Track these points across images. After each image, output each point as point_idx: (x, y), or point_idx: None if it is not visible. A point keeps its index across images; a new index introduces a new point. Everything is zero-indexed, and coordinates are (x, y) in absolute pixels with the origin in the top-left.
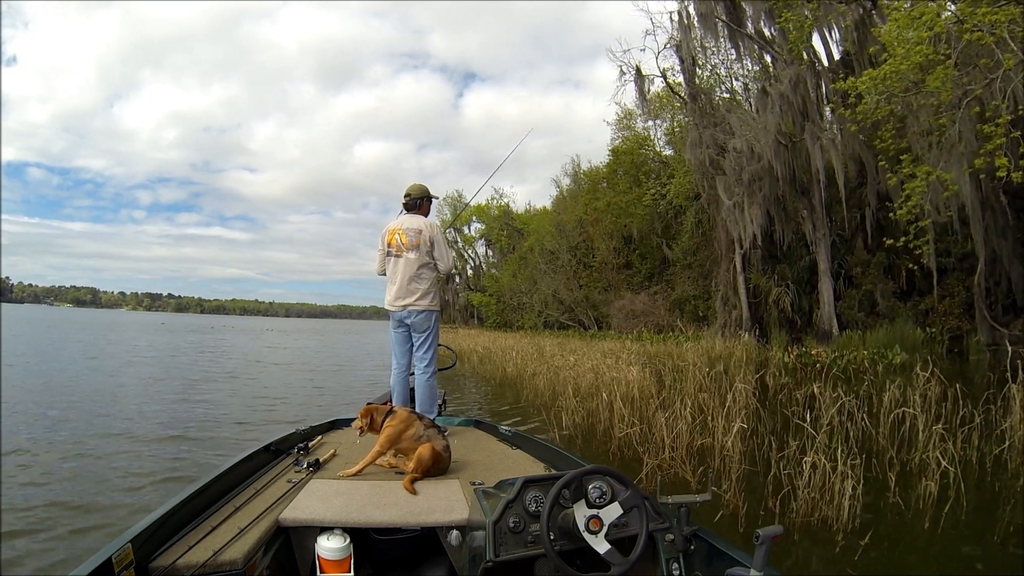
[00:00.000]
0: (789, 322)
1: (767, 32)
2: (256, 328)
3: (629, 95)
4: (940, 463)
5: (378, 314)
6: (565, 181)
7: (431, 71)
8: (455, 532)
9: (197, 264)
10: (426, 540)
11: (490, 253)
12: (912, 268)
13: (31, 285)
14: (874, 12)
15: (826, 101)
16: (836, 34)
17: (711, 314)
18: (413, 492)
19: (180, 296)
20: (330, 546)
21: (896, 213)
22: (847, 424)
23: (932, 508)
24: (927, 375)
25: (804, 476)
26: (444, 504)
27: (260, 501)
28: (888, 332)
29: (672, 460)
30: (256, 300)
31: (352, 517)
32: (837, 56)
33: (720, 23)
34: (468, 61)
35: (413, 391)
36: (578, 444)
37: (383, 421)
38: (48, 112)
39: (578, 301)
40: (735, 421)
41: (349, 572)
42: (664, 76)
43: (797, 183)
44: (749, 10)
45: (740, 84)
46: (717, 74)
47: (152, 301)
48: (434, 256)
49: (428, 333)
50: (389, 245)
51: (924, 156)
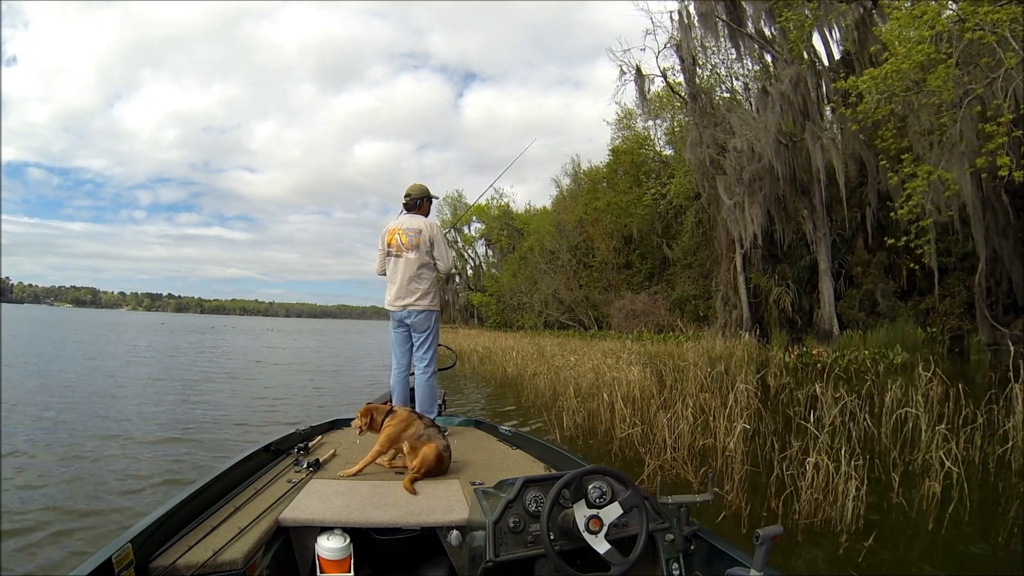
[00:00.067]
0: (790, 322)
1: (767, 31)
2: (256, 328)
3: (629, 95)
4: (944, 463)
5: (378, 314)
6: (565, 181)
7: (431, 71)
8: (455, 532)
9: (197, 264)
10: (426, 540)
11: (490, 253)
12: (913, 268)
13: (31, 285)
14: (874, 11)
15: (827, 100)
16: (836, 33)
17: (711, 314)
18: (413, 492)
19: (180, 296)
20: (330, 546)
21: (897, 213)
22: (849, 424)
23: (936, 509)
24: (929, 375)
25: (807, 477)
26: (444, 504)
27: (260, 501)
28: (889, 332)
29: (674, 461)
30: (256, 300)
31: (352, 517)
32: (837, 56)
33: (720, 22)
34: (468, 61)
35: (413, 391)
36: (579, 445)
37: (383, 421)
38: (48, 112)
39: (578, 301)
40: (737, 422)
41: (349, 572)
42: (664, 76)
43: (797, 183)
44: (749, 9)
45: (740, 84)
46: (717, 74)
47: (152, 301)
48: (434, 256)
49: (428, 333)
50: (389, 245)
51: (925, 155)
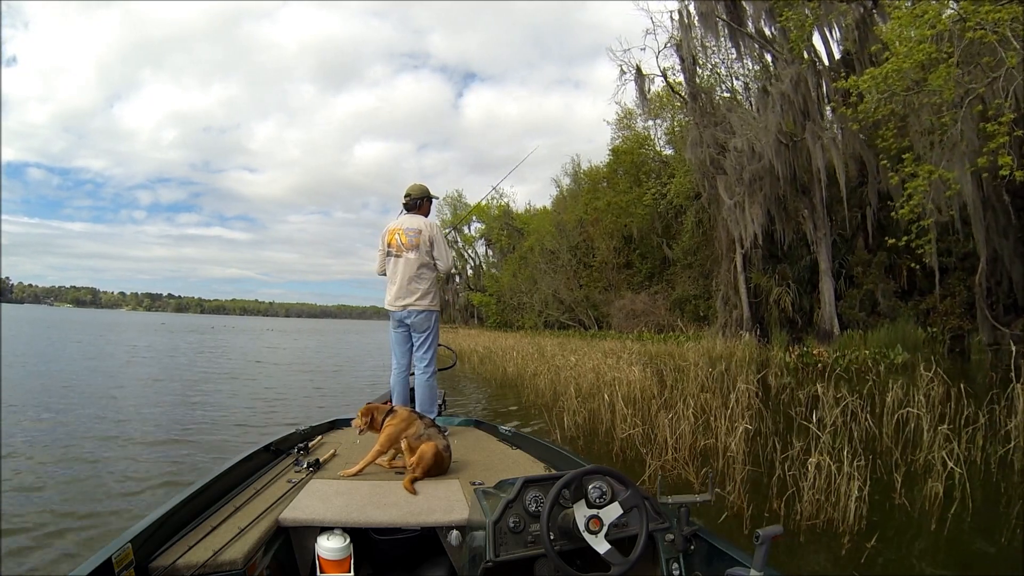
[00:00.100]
0: (790, 322)
1: (768, 31)
2: (256, 328)
3: (629, 95)
4: (946, 464)
5: (378, 314)
6: (565, 181)
7: (431, 71)
8: (455, 532)
9: (197, 264)
10: (426, 540)
11: (490, 253)
12: (913, 267)
13: (31, 285)
14: (875, 11)
15: (827, 100)
16: (837, 33)
17: (712, 314)
18: (413, 492)
19: (180, 296)
20: (330, 546)
21: (898, 212)
22: (851, 424)
23: (939, 509)
24: (930, 375)
25: (809, 477)
26: (444, 504)
27: (260, 501)
28: (889, 332)
29: (675, 461)
30: (256, 300)
31: (352, 517)
32: (838, 55)
33: (721, 22)
34: (468, 61)
35: (413, 391)
36: (580, 445)
37: (383, 420)
38: (48, 112)
39: (578, 301)
40: (739, 422)
41: (349, 572)
42: (664, 75)
43: (798, 182)
44: (750, 9)
45: (740, 83)
46: (717, 73)
47: (152, 301)
48: (434, 256)
49: (428, 333)
50: (389, 245)
51: (926, 155)
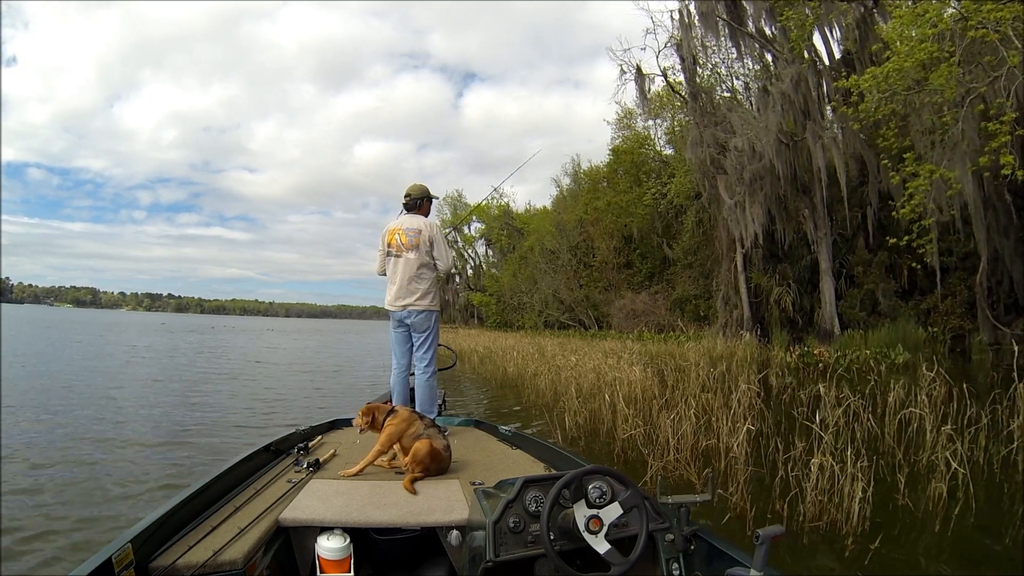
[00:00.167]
0: (790, 322)
1: (768, 31)
2: (256, 328)
3: (629, 94)
4: (950, 464)
5: (378, 314)
6: (565, 181)
7: (431, 71)
8: (455, 532)
9: (197, 264)
10: (426, 540)
11: (490, 253)
12: (914, 267)
13: (31, 285)
14: (875, 11)
15: (827, 100)
16: (837, 32)
17: (712, 314)
18: (413, 492)
19: (180, 296)
20: (330, 546)
21: (899, 212)
22: (853, 425)
23: (943, 510)
24: (932, 375)
25: (812, 478)
26: (444, 504)
27: (260, 501)
28: (890, 331)
29: (677, 462)
30: (256, 300)
31: (352, 517)
32: (838, 55)
33: (721, 22)
34: (468, 61)
35: (413, 391)
36: (581, 446)
37: (384, 420)
38: (48, 112)
39: (578, 301)
40: (741, 423)
41: (349, 572)
42: (664, 75)
43: (798, 182)
44: (750, 9)
45: (741, 83)
46: (718, 73)
47: (152, 301)
48: (434, 256)
49: (428, 333)
50: (389, 245)
51: (927, 155)
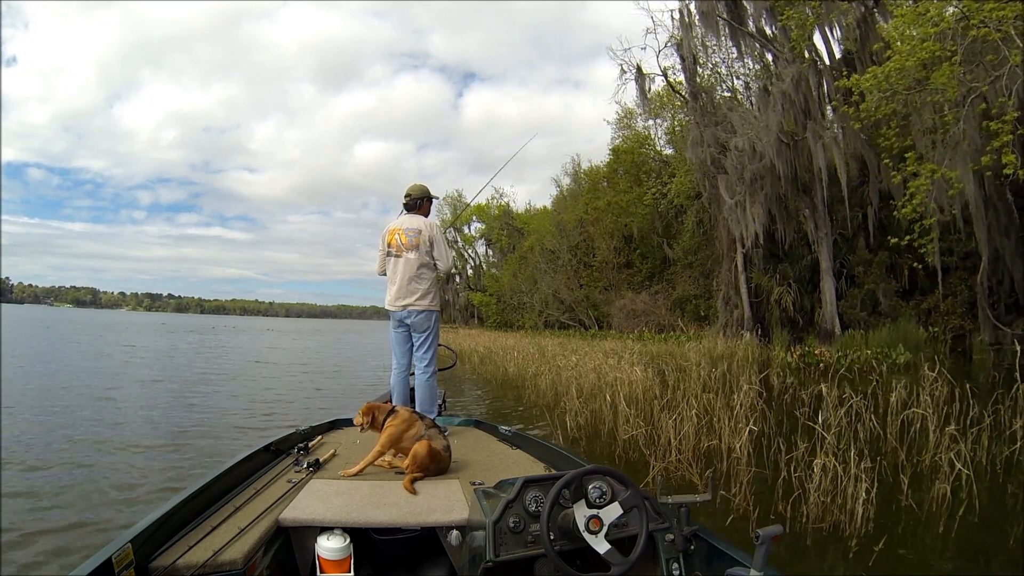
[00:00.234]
0: (791, 322)
1: (768, 30)
2: (256, 328)
3: (630, 94)
4: (954, 465)
5: (378, 314)
6: (565, 180)
7: (431, 71)
8: (455, 532)
9: (197, 264)
10: (426, 540)
11: (490, 253)
12: (915, 267)
13: (31, 286)
14: (875, 10)
15: (828, 99)
16: (838, 32)
17: (712, 314)
18: (413, 492)
19: (180, 296)
20: (330, 546)
21: (900, 211)
22: (856, 425)
23: (946, 511)
24: (934, 375)
25: (814, 479)
26: (444, 504)
27: (260, 501)
28: (891, 331)
29: (679, 463)
30: (256, 300)
31: (352, 517)
32: (838, 54)
33: (721, 21)
34: (468, 61)
35: (413, 391)
36: (583, 446)
37: (384, 420)
38: (48, 112)
39: (578, 301)
40: (743, 423)
41: (349, 572)
42: (665, 75)
43: (799, 182)
44: (750, 8)
45: (741, 83)
46: (718, 73)
47: (152, 301)
48: (434, 256)
49: (428, 333)
50: (389, 245)
51: (928, 154)
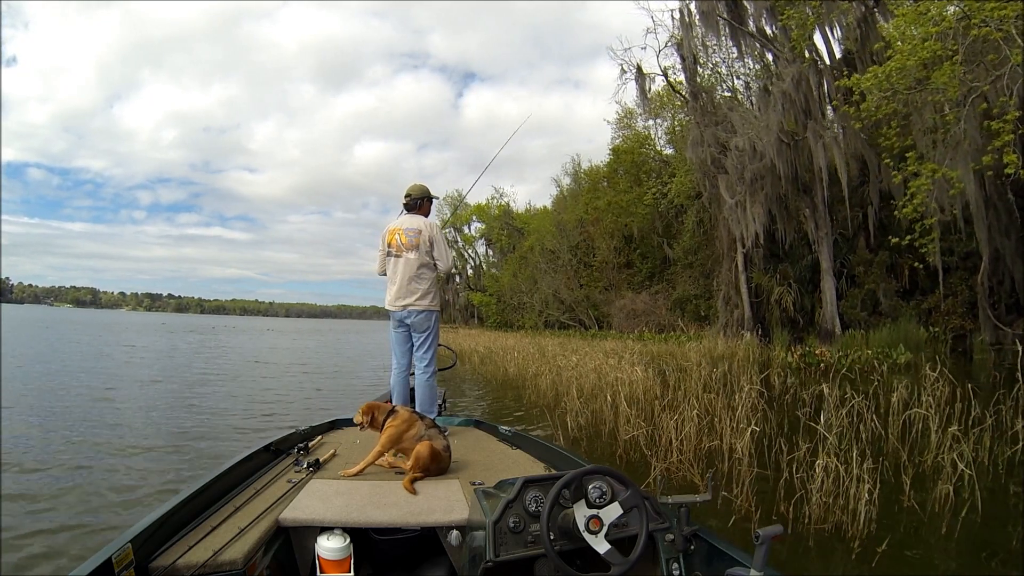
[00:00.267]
0: (791, 321)
1: (769, 30)
2: (256, 328)
3: (630, 94)
4: (956, 466)
5: (378, 314)
6: (565, 180)
7: (431, 71)
8: (455, 532)
9: (197, 264)
10: (426, 540)
11: (490, 253)
12: (916, 267)
13: (31, 285)
14: (876, 10)
15: (828, 99)
16: (838, 32)
17: (712, 314)
18: (413, 492)
19: (180, 296)
20: (330, 546)
21: (901, 211)
22: (858, 426)
23: (949, 513)
24: (935, 375)
25: (816, 480)
26: (444, 504)
27: (260, 501)
28: (891, 331)
29: (680, 463)
30: (256, 300)
31: (352, 517)
32: (839, 54)
33: (722, 21)
34: (468, 61)
35: (413, 391)
36: (583, 447)
37: (384, 420)
38: (48, 112)
39: (579, 301)
40: (744, 424)
41: (349, 572)
42: (665, 74)
43: (799, 182)
44: (751, 8)
45: (741, 83)
46: (718, 72)
47: (152, 301)
48: (434, 256)
49: (428, 333)
50: (389, 245)
51: (928, 154)
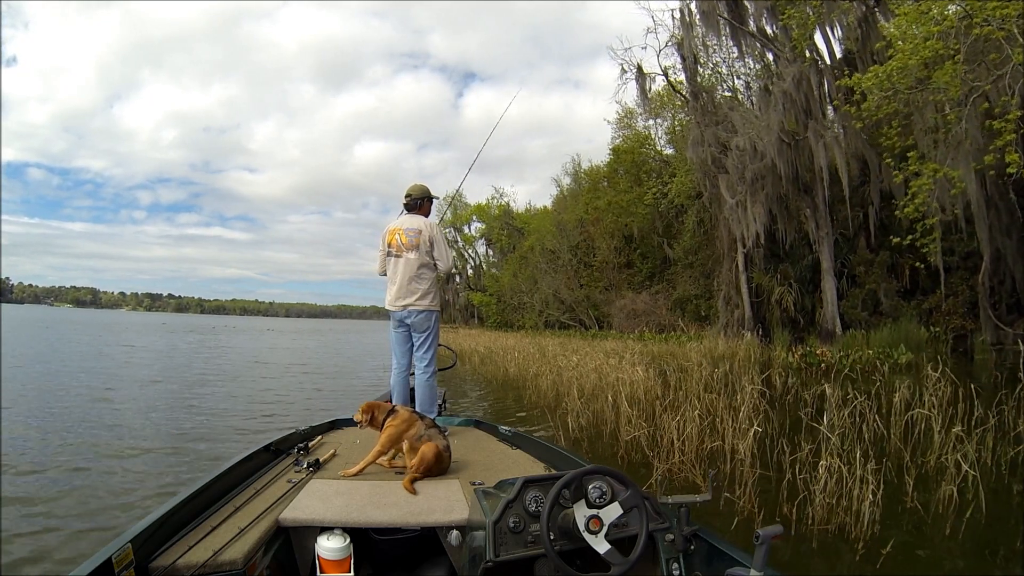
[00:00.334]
0: (792, 321)
1: (769, 30)
2: (256, 328)
3: (630, 94)
4: (960, 466)
5: (378, 314)
6: (566, 180)
7: (431, 71)
8: (455, 532)
9: (197, 264)
10: (426, 540)
11: (490, 253)
12: (917, 267)
13: (31, 285)
14: (876, 9)
15: (829, 99)
16: (839, 31)
17: (713, 314)
18: (413, 492)
19: (180, 296)
20: (330, 546)
21: (903, 211)
22: (860, 426)
23: (953, 514)
24: (937, 375)
25: (820, 481)
26: (444, 504)
27: (260, 501)
28: (892, 331)
29: (682, 464)
30: (256, 300)
31: (352, 517)
32: (839, 54)
33: (722, 20)
34: (468, 61)
35: (413, 391)
36: (584, 447)
37: (384, 420)
38: (48, 112)
39: (579, 301)
40: (746, 424)
41: (349, 572)
42: (665, 74)
43: (800, 181)
44: (751, 7)
45: (742, 82)
46: (719, 72)
47: (152, 301)
48: (434, 256)
49: (428, 333)
50: (389, 245)
51: (929, 154)
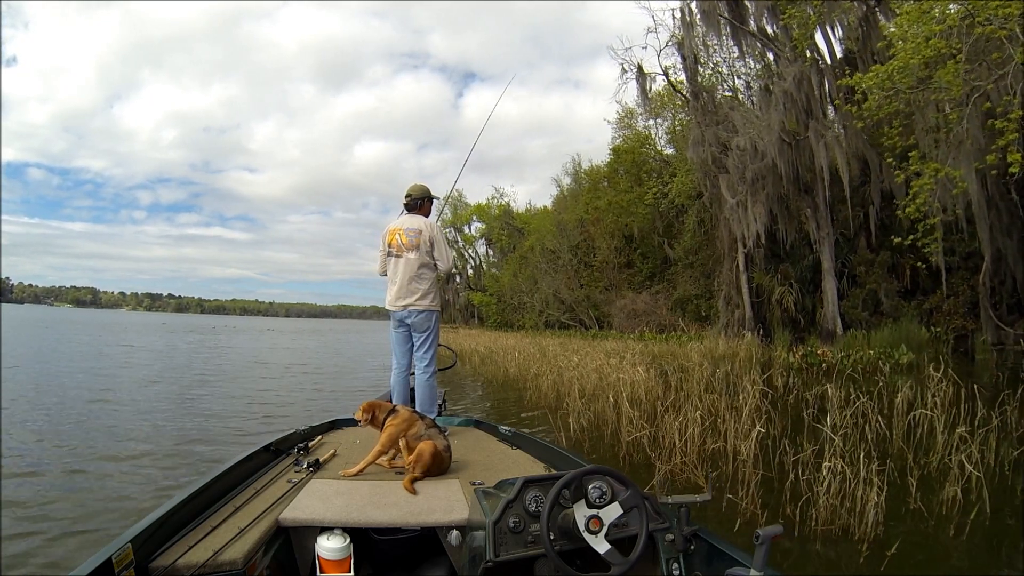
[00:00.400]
0: (792, 322)
1: (770, 29)
2: (256, 328)
3: (630, 93)
4: (964, 467)
5: (378, 314)
6: (566, 180)
7: (431, 71)
8: (455, 532)
9: (197, 264)
10: (426, 540)
11: (490, 252)
12: (917, 266)
13: (31, 285)
14: (877, 9)
15: (830, 99)
16: (839, 31)
17: (713, 314)
18: (413, 492)
19: (180, 296)
20: (330, 546)
21: (904, 211)
22: (863, 427)
23: (957, 515)
24: (939, 375)
25: (823, 482)
26: (444, 504)
27: (260, 501)
28: (893, 332)
29: (684, 465)
30: (256, 300)
31: (352, 517)
32: (840, 53)
33: (723, 20)
34: (468, 61)
35: (413, 391)
36: (586, 448)
37: (385, 419)
38: (48, 112)
39: (579, 301)
40: (748, 425)
41: (349, 572)
42: (666, 74)
43: (800, 181)
44: (752, 7)
45: (742, 82)
46: (719, 72)
47: (152, 301)
48: (434, 256)
49: (428, 333)
50: (390, 245)
51: (931, 154)
